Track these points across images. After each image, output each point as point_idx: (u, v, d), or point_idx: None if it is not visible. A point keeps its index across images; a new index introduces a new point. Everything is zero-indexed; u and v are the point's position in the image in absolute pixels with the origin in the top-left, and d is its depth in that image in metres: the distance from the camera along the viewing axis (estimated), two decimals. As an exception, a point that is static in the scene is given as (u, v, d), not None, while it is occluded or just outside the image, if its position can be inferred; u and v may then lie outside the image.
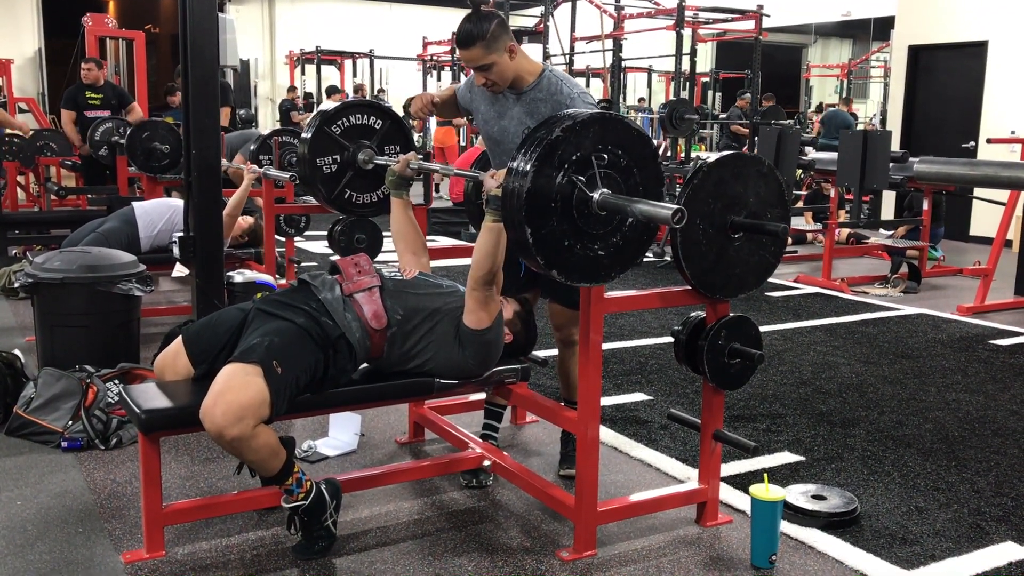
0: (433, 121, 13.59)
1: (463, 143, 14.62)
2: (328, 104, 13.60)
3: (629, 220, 2.36)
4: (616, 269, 2.41)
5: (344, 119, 3.39)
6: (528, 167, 2.21)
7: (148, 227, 4.98)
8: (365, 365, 2.72)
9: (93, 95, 7.82)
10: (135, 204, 5.15)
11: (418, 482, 3.09)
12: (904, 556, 2.64)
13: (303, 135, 3.44)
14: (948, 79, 9.77)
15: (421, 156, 3.07)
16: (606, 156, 2.30)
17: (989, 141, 8.38)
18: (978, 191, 8.19)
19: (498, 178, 2.48)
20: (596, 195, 2.27)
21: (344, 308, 2.61)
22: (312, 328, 2.53)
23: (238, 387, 2.33)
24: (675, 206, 2.14)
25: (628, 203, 2.24)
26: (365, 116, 3.43)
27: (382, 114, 3.47)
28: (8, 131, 8.35)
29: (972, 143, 9.42)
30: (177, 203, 5.01)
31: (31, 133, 9.00)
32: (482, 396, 3.39)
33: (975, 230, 9.45)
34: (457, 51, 2.88)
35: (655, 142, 10.49)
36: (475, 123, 3.10)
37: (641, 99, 17.90)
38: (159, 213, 5.04)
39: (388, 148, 3.44)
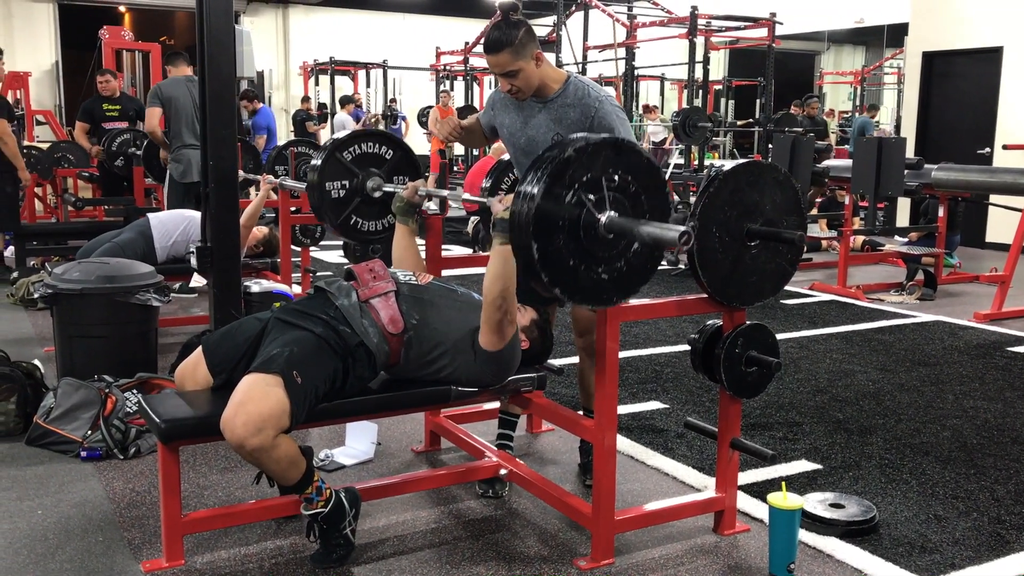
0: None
1: (476, 152, 14.66)
2: (342, 114, 13.69)
3: (634, 247, 2.35)
4: (619, 294, 2.41)
5: (356, 146, 3.42)
6: (538, 186, 2.21)
7: (163, 238, 5.01)
8: (383, 374, 2.73)
9: (111, 107, 7.89)
10: (150, 216, 5.19)
11: (435, 491, 3.09)
12: (924, 565, 2.63)
13: (313, 161, 3.46)
14: (963, 85, 9.73)
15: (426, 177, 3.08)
16: (616, 180, 2.29)
17: (1005, 147, 8.33)
18: (994, 197, 8.15)
19: (505, 202, 2.50)
20: (604, 217, 2.27)
21: (361, 314, 2.62)
22: (330, 337, 2.54)
23: (258, 398, 2.34)
24: (682, 228, 2.13)
25: (635, 225, 2.24)
26: (377, 145, 3.45)
27: (393, 144, 3.49)
28: (27, 142, 8.43)
29: (988, 149, 9.37)
30: (192, 214, 5.04)
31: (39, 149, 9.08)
32: (498, 405, 3.39)
33: (991, 236, 9.39)
34: (484, 57, 2.89)
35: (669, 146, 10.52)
36: (501, 136, 3.11)
37: (654, 107, 17.87)
38: (174, 224, 5.08)
39: (397, 178, 3.45)
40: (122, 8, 17.63)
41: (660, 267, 2.57)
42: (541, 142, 2.90)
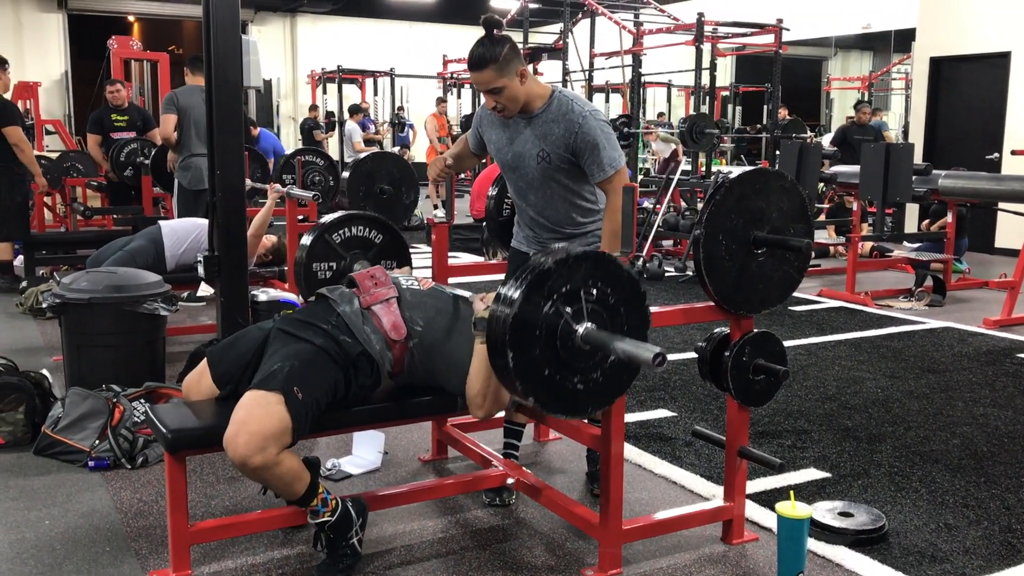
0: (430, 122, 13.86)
1: (483, 160, 14.66)
2: (351, 123, 13.71)
3: (611, 358, 2.30)
4: (595, 405, 2.35)
5: (345, 229, 3.40)
6: (516, 294, 2.17)
7: (174, 245, 5.03)
8: (389, 382, 2.73)
9: (119, 117, 7.93)
10: (162, 223, 5.21)
11: (442, 500, 3.09)
12: (934, 574, 2.61)
13: (303, 240, 3.44)
14: (971, 90, 9.70)
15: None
16: (595, 292, 2.25)
17: (1014, 153, 8.32)
18: (1004, 204, 8.11)
19: (487, 300, 2.50)
20: (581, 328, 2.22)
21: (363, 321, 2.62)
22: (331, 348, 2.54)
23: (260, 416, 2.34)
24: (656, 348, 2.07)
25: (611, 340, 2.19)
26: (366, 229, 3.44)
27: (383, 228, 3.46)
28: (36, 152, 8.47)
29: (996, 155, 9.34)
30: (204, 222, 5.05)
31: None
32: (503, 414, 3.38)
33: (1000, 242, 9.35)
34: (469, 74, 2.88)
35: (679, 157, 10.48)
36: (489, 151, 3.11)
37: (660, 114, 17.89)
38: (185, 232, 5.09)
39: (385, 262, 3.44)
40: (131, 18, 17.73)
41: (668, 274, 2.55)
42: (527, 158, 2.90)
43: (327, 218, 3.41)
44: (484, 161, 14.59)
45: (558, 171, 2.89)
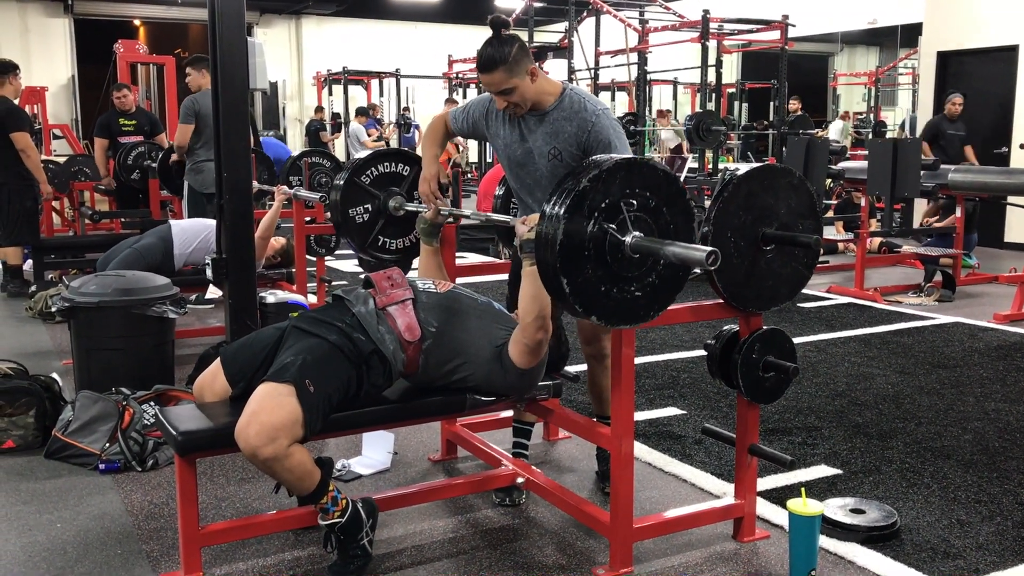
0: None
1: (489, 159, 14.68)
2: (355, 124, 13.74)
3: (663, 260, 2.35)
4: (654, 308, 2.39)
5: (373, 168, 3.43)
6: (559, 217, 2.21)
7: (183, 244, 5.05)
8: (402, 382, 2.73)
9: (126, 122, 7.96)
10: (172, 221, 5.23)
11: (452, 500, 3.08)
12: (947, 570, 2.60)
13: (335, 183, 3.46)
14: (978, 85, 9.65)
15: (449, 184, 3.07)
16: (635, 200, 2.28)
17: (1022, 146, 8.28)
18: (1013, 198, 8.07)
19: (529, 222, 2.50)
20: (628, 239, 2.25)
21: (378, 321, 2.62)
22: (344, 345, 2.54)
23: (271, 407, 2.35)
24: (709, 248, 2.11)
25: (661, 246, 2.22)
26: (393, 164, 3.47)
27: (409, 161, 3.49)
28: (44, 157, 8.49)
29: (1005, 149, 9.30)
30: (214, 223, 5.06)
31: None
32: (512, 413, 3.38)
33: (1010, 236, 9.31)
34: (479, 75, 2.86)
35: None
36: (493, 146, 3.09)
37: (667, 111, 17.85)
38: (195, 232, 5.11)
39: (416, 194, 3.46)
40: (137, 22, 17.78)
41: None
42: (538, 156, 2.89)
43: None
44: (490, 162, 14.55)
45: (568, 169, 2.88)
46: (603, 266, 2.26)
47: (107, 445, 3.38)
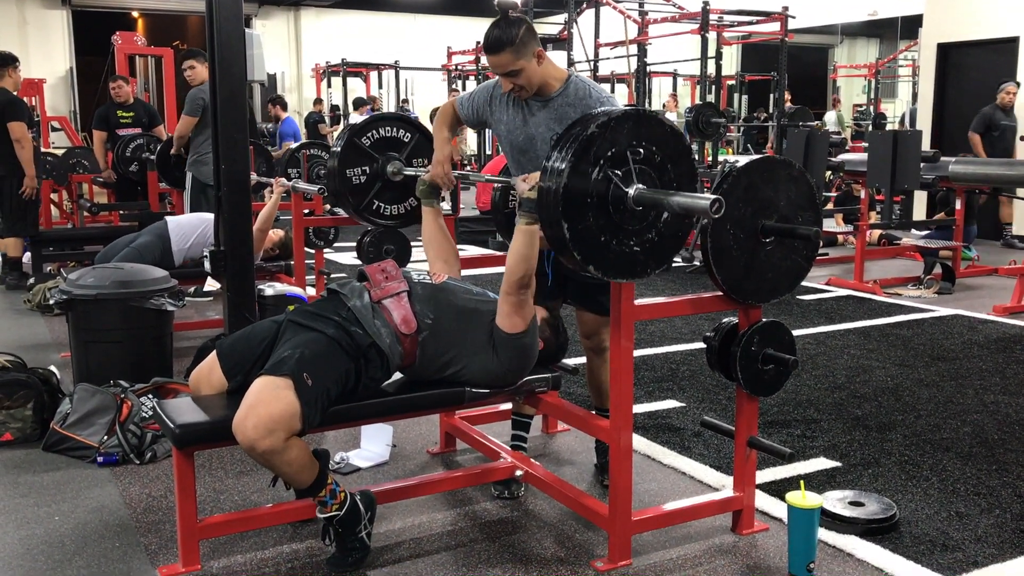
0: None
1: (488, 151, 14.66)
2: (356, 116, 13.70)
3: (664, 216, 2.36)
4: (652, 265, 2.41)
5: (374, 131, 3.42)
6: (564, 165, 2.23)
7: (181, 240, 5.03)
8: (399, 375, 2.72)
9: (124, 114, 7.93)
10: (168, 219, 5.21)
11: (451, 493, 3.08)
12: (946, 563, 2.60)
13: (333, 147, 3.46)
14: (979, 76, 9.63)
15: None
16: (641, 152, 2.30)
17: (1022, 139, 8.25)
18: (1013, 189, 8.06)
19: (530, 180, 2.50)
20: (632, 190, 2.28)
21: (373, 315, 2.61)
22: (342, 338, 2.53)
23: (269, 400, 2.34)
24: (712, 196, 2.14)
25: (664, 196, 2.25)
26: (394, 129, 3.46)
27: (411, 127, 3.49)
28: (43, 149, 8.47)
29: (1005, 141, 9.27)
30: (210, 217, 5.05)
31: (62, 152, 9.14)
32: (511, 406, 3.38)
33: (1014, 229, 9.29)
34: (485, 57, 2.85)
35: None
36: (496, 132, 3.09)
37: (672, 94, 17.80)
38: (192, 227, 5.10)
39: (416, 161, 3.45)
40: (135, 13, 17.71)
41: (675, 264, 2.55)
42: (540, 141, 2.88)
43: (354, 119, 3.45)
44: (490, 153, 14.52)
45: None
46: (605, 215, 2.29)
47: (105, 438, 3.37)
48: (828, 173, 8.63)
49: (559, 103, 2.85)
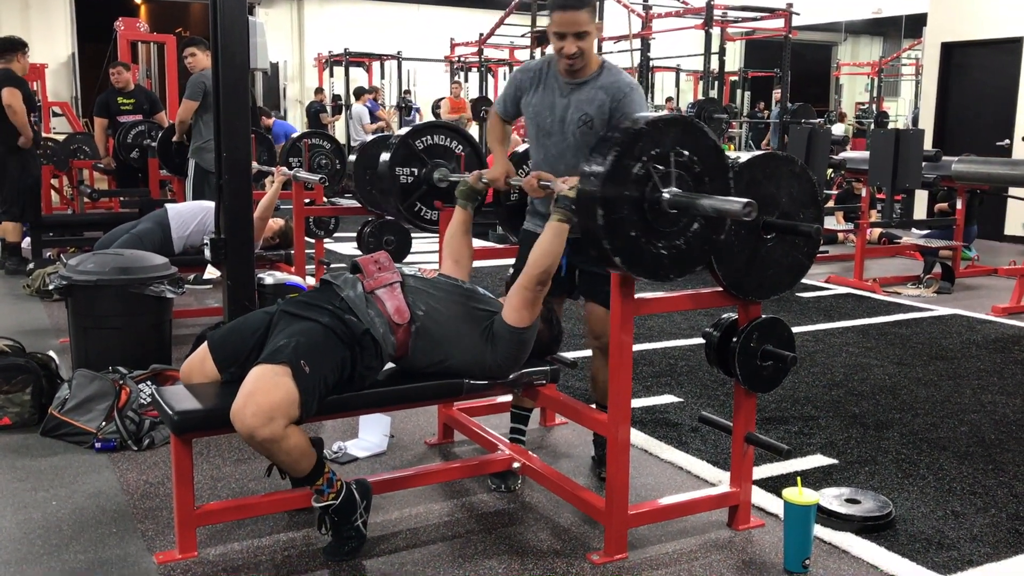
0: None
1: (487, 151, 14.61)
2: (358, 106, 13.67)
3: (694, 227, 2.39)
4: (675, 271, 2.43)
5: (429, 136, 3.55)
6: (608, 156, 2.29)
7: (181, 228, 5.03)
8: (391, 366, 2.72)
9: (125, 100, 7.91)
10: (168, 206, 5.21)
11: (448, 484, 3.08)
12: (941, 561, 2.60)
13: (390, 141, 3.57)
14: (982, 76, 9.63)
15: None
16: (684, 158, 2.36)
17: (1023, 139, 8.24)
18: (1014, 190, 8.06)
19: (570, 182, 2.54)
20: (667, 192, 2.32)
21: (367, 305, 2.61)
22: (337, 326, 2.54)
23: (267, 388, 2.34)
24: (745, 199, 2.16)
25: (697, 197, 2.30)
26: (448, 139, 3.59)
27: (465, 141, 3.62)
28: (44, 134, 8.46)
29: (1007, 141, 9.28)
30: (209, 205, 5.05)
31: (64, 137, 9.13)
32: (511, 398, 3.38)
33: (1010, 229, 9.30)
34: (557, 15, 2.79)
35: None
36: (524, 115, 3.09)
37: (669, 99, 17.80)
38: (192, 214, 5.09)
39: (462, 175, 3.51)
40: (138, 0, 17.67)
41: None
42: (569, 122, 2.91)
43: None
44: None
45: (597, 137, 2.87)
46: (639, 212, 2.33)
47: (103, 424, 3.37)
48: (829, 171, 8.62)
49: (591, 86, 2.90)
